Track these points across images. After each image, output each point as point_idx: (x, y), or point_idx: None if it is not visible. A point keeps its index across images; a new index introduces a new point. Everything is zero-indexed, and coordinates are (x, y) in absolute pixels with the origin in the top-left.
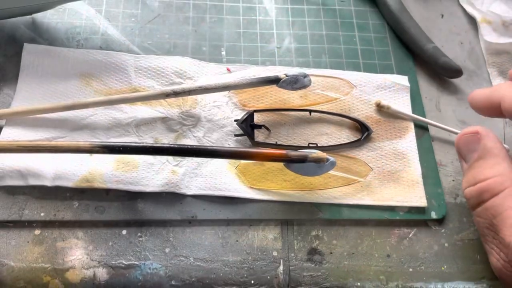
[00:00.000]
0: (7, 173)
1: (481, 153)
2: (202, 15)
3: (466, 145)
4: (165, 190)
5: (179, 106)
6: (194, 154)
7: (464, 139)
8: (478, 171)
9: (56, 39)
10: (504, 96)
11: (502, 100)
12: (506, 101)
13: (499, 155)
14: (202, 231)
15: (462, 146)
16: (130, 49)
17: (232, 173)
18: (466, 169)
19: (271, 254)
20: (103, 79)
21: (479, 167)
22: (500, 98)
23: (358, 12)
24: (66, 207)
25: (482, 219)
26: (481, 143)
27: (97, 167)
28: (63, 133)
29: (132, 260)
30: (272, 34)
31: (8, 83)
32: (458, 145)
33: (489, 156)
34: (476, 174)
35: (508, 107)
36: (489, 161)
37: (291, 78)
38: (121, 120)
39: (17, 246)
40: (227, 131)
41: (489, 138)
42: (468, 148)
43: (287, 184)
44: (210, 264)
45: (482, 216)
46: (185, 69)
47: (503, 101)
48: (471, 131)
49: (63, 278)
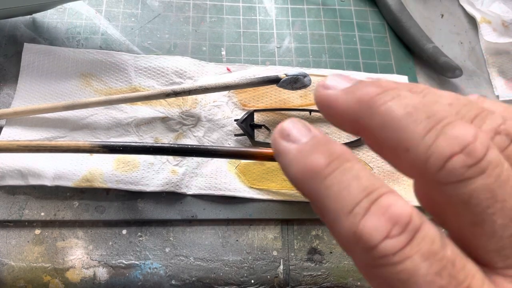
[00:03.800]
0: (7, 173)
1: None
2: (202, 15)
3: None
4: (165, 190)
5: (179, 105)
6: (194, 153)
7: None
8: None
9: (56, 39)
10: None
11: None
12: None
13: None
14: (202, 230)
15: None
16: (130, 49)
17: (232, 173)
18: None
19: (271, 254)
20: (103, 78)
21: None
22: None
23: (358, 12)
24: (66, 207)
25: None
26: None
27: (97, 167)
28: (63, 132)
29: (132, 260)
30: (272, 34)
31: (8, 83)
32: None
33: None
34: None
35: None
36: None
37: (291, 78)
38: (121, 120)
39: (18, 245)
40: (227, 130)
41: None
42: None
43: (287, 184)
44: (210, 263)
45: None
46: (185, 69)
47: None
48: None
49: (63, 278)
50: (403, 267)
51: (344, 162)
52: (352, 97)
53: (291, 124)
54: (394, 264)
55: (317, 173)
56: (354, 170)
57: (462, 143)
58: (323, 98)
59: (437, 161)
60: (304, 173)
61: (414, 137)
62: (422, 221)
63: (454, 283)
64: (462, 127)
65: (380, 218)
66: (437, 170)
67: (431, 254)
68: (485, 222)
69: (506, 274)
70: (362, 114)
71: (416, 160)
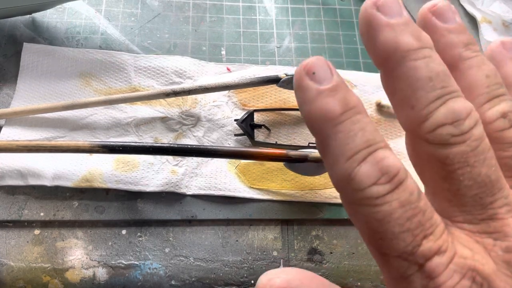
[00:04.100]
0: (6, 173)
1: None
2: (202, 14)
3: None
4: (165, 190)
5: (179, 105)
6: (194, 153)
7: None
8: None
9: (56, 38)
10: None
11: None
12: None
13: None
14: (202, 231)
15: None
16: (129, 49)
17: (232, 173)
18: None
19: (271, 254)
20: (103, 78)
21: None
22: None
23: (358, 12)
24: (65, 207)
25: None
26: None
27: (96, 167)
28: (63, 132)
29: (132, 260)
30: (272, 34)
31: (8, 83)
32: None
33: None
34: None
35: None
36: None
37: (291, 78)
38: (121, 120)
39: (17, 246)
40: (227, 130)
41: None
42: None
43: (287, 184)
44: (210, 264)
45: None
46: (185, 69)
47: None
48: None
49: (62, 278)
50: (381, 208)
51: (355, 114)
52: (394, 37)
53: (317, 62)
54: (375, 206)
55: (331, 118)
56: (362, 122)
57: (455, 117)
58: (368, 18)
59: (431, 125)
60: (319, 114)
61: (422, 101)
62: (407, 176)
63: (421, 228)
64: (461, 103)
65: (373, 167)
66: (428, 131)
67: (407, 203)
68: (453, 180)
69: (463, 227)
70: (393, 58)
71: (416, 117)
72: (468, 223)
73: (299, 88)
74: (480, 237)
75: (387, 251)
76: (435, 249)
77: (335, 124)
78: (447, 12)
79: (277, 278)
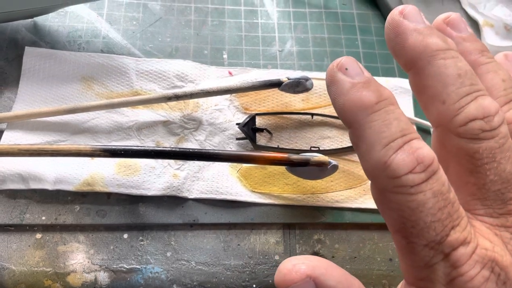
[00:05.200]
0: (8, 177)
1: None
2: (204, 18)
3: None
4: (167, 194)
5: (181, 109)
6: (196, 157)
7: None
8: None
9: (58, 42)
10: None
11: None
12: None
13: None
14: (203, 235)
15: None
16: (131, 53)
17: (234, 177)
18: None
19: (273, 258)
20: (105, 82)
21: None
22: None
23: (360, 15)
24: (67, 211)
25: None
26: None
27: (98, 171)
28: (64, 136)
29: (134, 264)
30: (274, 37)
31: (10, 87)
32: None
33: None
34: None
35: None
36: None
37: (293, 82)
38: (123, 124)
39: (18, 250)
40: (228, 134)
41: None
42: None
43: (289, 188)
44: (211, 268)
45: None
46: (187, 73)
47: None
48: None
49: (64, 282)
50: (416, 197)
51: (389, 104)
52: (421, 40)
53: (349, 60)
54: (410, 194)
55: (367, 107)
56: (396, 113)
57: (486, 113)
58: (396, 25)
59: (463, 118)
60: (354, 104)
61: (453, 96)
62: (439, 167)
63: (450, 219)
64: (490, 101)
65: (410, 156)
66: (460, 125)
67: (439, 193)
68: (480, 174)
69: (483, 220)
70: (423, 58)
71: (447, 112)
72: (489, 217)
73: (332, 82)
74: (499, 230)
75: (415, 239)
76: (461, 239)
77: (370, 113)
78: (460, 23)
79: (302, 264)
